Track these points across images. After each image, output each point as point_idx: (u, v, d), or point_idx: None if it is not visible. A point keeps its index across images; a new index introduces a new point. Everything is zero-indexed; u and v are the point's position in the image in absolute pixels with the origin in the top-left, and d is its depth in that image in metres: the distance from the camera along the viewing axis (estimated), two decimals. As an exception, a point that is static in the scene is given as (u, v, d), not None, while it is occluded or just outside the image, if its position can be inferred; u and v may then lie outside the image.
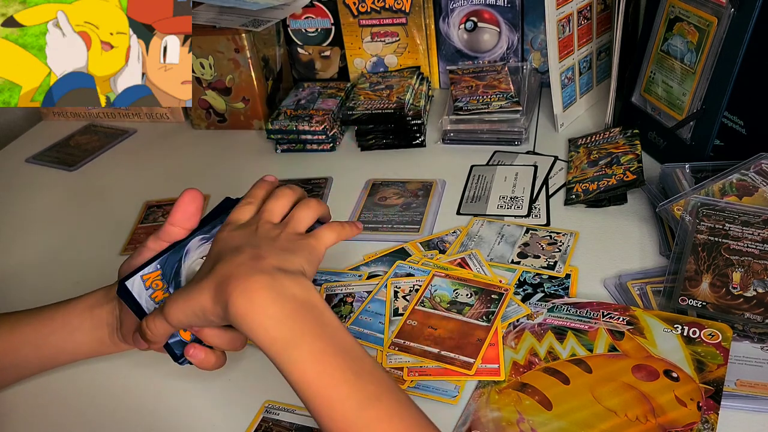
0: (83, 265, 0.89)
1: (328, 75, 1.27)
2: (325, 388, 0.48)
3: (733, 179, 0.76)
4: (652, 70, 0.93)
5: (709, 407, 0.58)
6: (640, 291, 0.72)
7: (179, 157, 1.13)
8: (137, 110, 1.25)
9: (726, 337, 0.63)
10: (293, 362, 0.48)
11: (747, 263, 0.67)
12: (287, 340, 0.49)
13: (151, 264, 0.58)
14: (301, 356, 0.48)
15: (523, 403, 0.61)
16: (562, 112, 1.06)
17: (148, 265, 0.58)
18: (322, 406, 0.48)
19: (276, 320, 0.49)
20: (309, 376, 0.48)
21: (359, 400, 0.48)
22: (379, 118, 1.05)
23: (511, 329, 0.69)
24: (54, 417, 0.68)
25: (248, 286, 0.49)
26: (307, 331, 0.49)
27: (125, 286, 0.57)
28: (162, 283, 0.58)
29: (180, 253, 0.58)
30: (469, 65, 1.18)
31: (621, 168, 0.89)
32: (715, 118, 0.84)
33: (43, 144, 1.21)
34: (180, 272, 0.58)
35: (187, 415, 0.66)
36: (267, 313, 0.49)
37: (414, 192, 0.95)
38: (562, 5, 0.99)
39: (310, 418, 0.63)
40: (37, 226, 0.99)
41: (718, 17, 0.81)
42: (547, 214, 0.88)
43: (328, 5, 1.19)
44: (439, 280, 0.75)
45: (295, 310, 0.50)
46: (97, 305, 0.62)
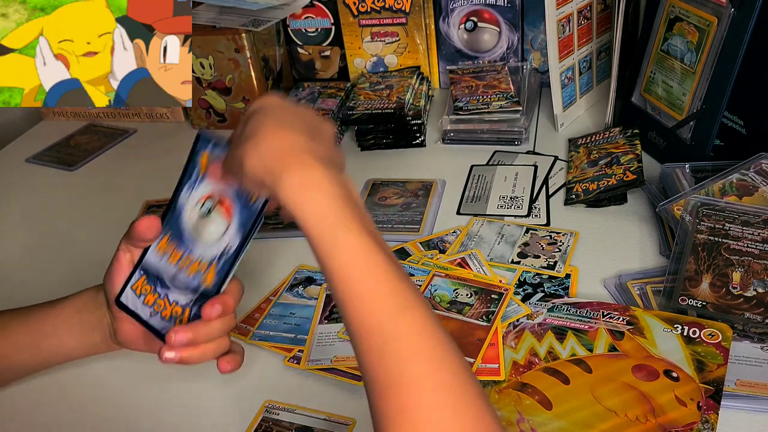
0: (83, 265, 0.88)
1: (328, 75, 1.27)
2: (364, 280, 0.45)
3: (733, 179, 0.76)
4: (652, 70, 0.93)
5: (709, 407, 0.58)
6: (640, 291, 0.72)
7: (179, 157, 1.11)
8: (137, 110, 1.25)
9: (726, 337, 0.63)
10: (339, 245, 0.45)
11: (747, 263, 0.67)
12: (338, 221, 0.45)
13: (135, 273, 0.58)
14: (348, 241, 0.45)
15: (523, 402, 0.61)
16: (562, 112, 1.06)
17: (133, 275, 0.58)
18: (356, 300, 0.45)
19: (330, 198, 0.46)
20: (352, 264, 0.45)
21: (396, 304, 0.44)
22: (379, 118, 1.05)
23: (511, 329, 0.69)
24: (53, 417, 0.68)
25: (305, 160, 0.47)
26: (357, 220, 0.46)
27: (122, 302, 0.58)
28: (149, 286, 0.58)
29: (168, 223, 0.58)
30: (469, 65, 1.18)
31: (621, 168, 0.89)
32: (715, 118, 0.84)
33: (43, 144, 1.21)
34: (181, 230, 0.58)
35: (187, 414, 0.66)
36: (322, 188, 0.46)
37: (414, 192, 0.95)
38: (562, 5, 0.99)
39: (310, 418, 0.63)
40: (37, 226, 0.99)
41: (718, 17, 0.81)
42: (547, 214, 0.88)
43: (328, 5, 1.19)
44: (439, 280, 0.75)
45: (348, 197, 0.47)
46: (84, 309, 0.60)
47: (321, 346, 0.70)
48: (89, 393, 0.70)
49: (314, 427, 0.63)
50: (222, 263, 0.55)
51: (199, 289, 0.56)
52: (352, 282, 0.45)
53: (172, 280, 0.58)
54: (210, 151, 0.57)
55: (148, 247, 0.59)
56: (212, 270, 0.56)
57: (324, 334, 0.71)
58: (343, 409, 0.64)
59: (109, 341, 0.61)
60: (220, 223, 0.56)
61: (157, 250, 0.58)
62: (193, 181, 0.58)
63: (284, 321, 0.74)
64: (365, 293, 0.45)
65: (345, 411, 0.64)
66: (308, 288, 0.78)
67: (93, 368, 0.71)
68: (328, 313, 0.74)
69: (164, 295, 0.58)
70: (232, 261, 0.55)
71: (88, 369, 0.71)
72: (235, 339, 0.72)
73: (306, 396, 0.66)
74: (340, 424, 0.63)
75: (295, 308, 0.75)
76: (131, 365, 0.72)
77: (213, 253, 0.56)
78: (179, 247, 0.58)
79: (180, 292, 0.57)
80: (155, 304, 0.58)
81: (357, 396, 0.65)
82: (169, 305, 0.58)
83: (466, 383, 0.44)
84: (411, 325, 0.44)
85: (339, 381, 0.66)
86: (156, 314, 0.58)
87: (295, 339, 0.71)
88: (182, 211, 0.58)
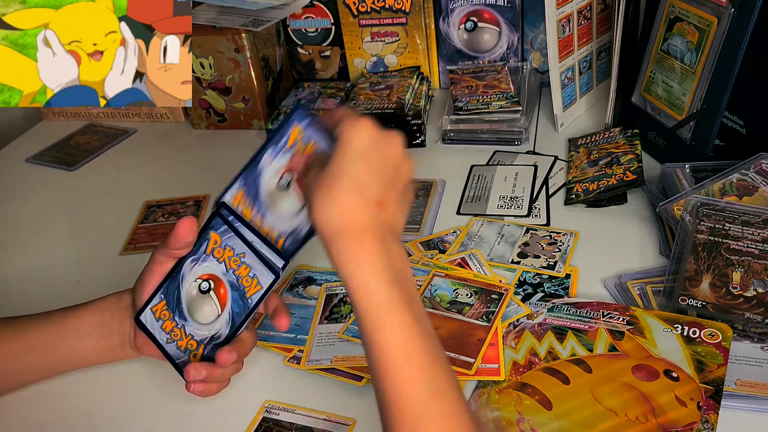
0: (83, 265, 0.89)
1: (328, 75, 1.27)
2: (402, 365, 0.47)
3: (733, 179, 0.76)
4: (652, 70, 0.93)
5: (709, 407, 0.58)
6: (640, 291, 0.72)
7: (179, 157, 1.13)
8: (137, 110, 1.25)
9: (726, 337, 0.63)
10: (382, 324, 0.47)
11: (747, 263, 0.68)
12: (383, 301, 0.48)
13: (156, 295, 0.60)
14: (391, 321, 0.47)
15: (523, 403, 0.61)
16: (562, 112, 1.06)
17: (154, 297, 0.60)
18: (392, 377, 0.47)
19: (379, 278, 0.48)
20: (392, 345, 0.47)
21: (430, 389, 0.47)
22: (379, 118, 1.04)
23: (511, 329, 0.69)
24: (53, 417, 0.68)
25: (363, 234, 0.48)
26: (403, 299, 0.48)
27: (141, 321, 0.60)
28: (168, 312, 0.60)
29: (177, 279, 0.60)
30: (469, 65, 1.18)
31: (621, 168, 0.89)
32: (715, 118, 0.84)
33: (43, 144, 1.21)
34: (180, 299, 0.60)
35: (187, 415, 0.66)
36: (374, 267, 0.48)
37: (414, 192, 0.95)
38: (562, 5, 0.99)
39: (310, 418, 0.63)
40: (37, 226, 0.99)
41: (718, 17, 0.81)
42: (547, 214, 0.88)
43: (328, 5, 1.19)
44: (439, 279, 0.75)
45: (397, 275, 0.48)
46: (107, 312, 0.62)
47: (321, 346, 0.70)
48: (89, 393, 0.70)
49: (314, 427, 0.62)
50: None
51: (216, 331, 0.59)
52: (390, 360, 0.47)
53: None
54: (304, 127, 0.56)
55: (175, 267, 0.60)
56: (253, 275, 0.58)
57: (324, 334, 0.71)
58: (343, 409, 0.64)
59: (127, 346, 0.62)
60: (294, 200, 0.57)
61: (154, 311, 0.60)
62: (279, 149, 0.57)
63: (284, 321, 0.74)
64: (402, 376, 0.47)
65: (345, 411, 0.64)
66: (308, 288, 0.78)
67: (93, 368, 0.71)
68: (328, 313, 0.74)
69: (181, 325, 0.59)
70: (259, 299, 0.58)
71: (88, 369, 0.71)
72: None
73: (306, 396, 0.66)
74: (340, 424, 0.63)
75: (295, 308, 0.75)
76: (131, 365, 0.72)
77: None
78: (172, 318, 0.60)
79: (197, 327, 0.59)
80: (172, 332, 0.59)
81: (357, 396, 0.65)
82: (185, 337, 0.59)
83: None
84: (440, 414, 0.46)
85: (339, 381, 0.66)
86: (172, 342, 0.59)
87: (295, 339, 0.71)
88: (183, 282, 0.60)
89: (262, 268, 0.57)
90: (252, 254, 0.57)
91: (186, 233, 0.57)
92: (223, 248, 0.58)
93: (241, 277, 0.58)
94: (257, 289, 0.57)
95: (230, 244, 0.58)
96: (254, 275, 0.57)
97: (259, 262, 0.57)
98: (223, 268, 0.58)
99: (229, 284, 0.58)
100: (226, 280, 0.58)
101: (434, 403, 0.47)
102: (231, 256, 0.58)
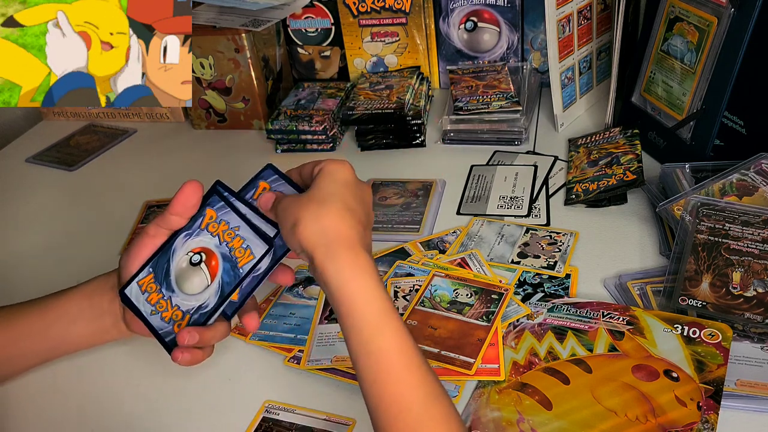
0: (83, 265, 0.88)
1: (328, 75, 1.27)
2: (402, 368, 0.49)
3: (733, 179, 0.76)
4: (652, 70, 0.93)
5: (709, 407, 0.58)
6: (640, 291, 0.72)
7: (179, 157, 1.13)
8: (137, 110, 1.25)
9: (726, 337, 0.63)
10: (382, 330, 0.50)
11: (747, 263, 0.68)
12: (382, 306, 0.51)
13: (144, 269, 0.60)
14: (390, 326, 0.50)
15: (523, 403, 0.61)
16: (562, 112, 1.06)
17: (142, 270, 0.60)
18: (394, 381, 0.49)
19: (377, 283, 0.51)
20: (392, 350, 0.50)
21: (427, 393, 0.49)
22: (379, 118, 1.05)
23: (511, 329, 0.69)
24: (52, 417, 0.68)
25: (357, 249, 0.52)
26: (393, 307, 0.52)
27: (125, 294, 0.59)
28: (155, 285, 0.59)
29: (168, 253, 0.59)
30: (469, 65, 1.18)
31: (621, 168, 0.89)
32: (715, 118, 0.84)
33: (43, 144, 1.21)
34: (170, 272, 0.59)
35: (187, 414, 0.66)
36: (371, 274, 0.52)
37: (414, 192, 0.95)
38: (562, 5, 0.99)
39: (310, 418, 0.63)
40: (37, 226, 0.99)
41: (718, 17, 0.81)
42: (547, 214, 0.88)
43: (328, 5, 1.19)
44: (439, 280, 0.75)
45: (383, 290, 0.52)
46: (96, 293, 0.62)
47: (321, 346, 0.70)
48: (89, 393, 0.70)
49: (314, 427, 0.63)
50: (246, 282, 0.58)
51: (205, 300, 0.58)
52: (391, 365, 0.50)
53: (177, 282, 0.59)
54: (270, 183, 0.61)
55: (167, 242, 0.60)
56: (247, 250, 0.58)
57: (324, 334, 0.71)
58: (343, 409, 0.64)
59: (120, 326, 0.62)
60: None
61: (141, 284, 0.60)
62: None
63: (284, 321, 0.74)
64: (402, 380, 0.49)
65: (345, 411, 0.64)
66: (308, 288, 0.78)
67: (93, 368, 0.71)
68: (328, 314, 0.74)
69: (168, 297, 0.59)
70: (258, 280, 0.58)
71: (87, 368, 0.71)
72: (236, 338, 0.73)
73: (306, 396, 0.66)
74: (340, 424, 0.63)
75: (295, 308, 0.75)
76: (131, 365, 0.72)
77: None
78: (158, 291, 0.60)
79: (184, 298, 0.58)
80: (158, 303, 0.59)
81: (357, 396, 0.65)
82: (171, 308, 0.59)
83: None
84: (437, 418, 0.49)
85: (339, 381, 0.66)
86: (157, 314, 0.59)
87: (295, 339, 0.71)
88: (173, 255, 0.60)
89: (255, 239, 0.58)
90: (246, 227, 0.58)
91: (190, 196, 0.58)
92: (218, 223, 0.59)
93: (234, 248, 0.58)
94: (249, 258, 0.57)
95: (225, 219, 0.59)
96: (247, 246, 0.58)
97: (254, 234, 0.58)
98: (216, 241, 0.58)
99: (222, 256, 0.58)
100: (219, 252, 0.58)
101: (432, 406, 0.49)
102: (225, 230, 0.59)
